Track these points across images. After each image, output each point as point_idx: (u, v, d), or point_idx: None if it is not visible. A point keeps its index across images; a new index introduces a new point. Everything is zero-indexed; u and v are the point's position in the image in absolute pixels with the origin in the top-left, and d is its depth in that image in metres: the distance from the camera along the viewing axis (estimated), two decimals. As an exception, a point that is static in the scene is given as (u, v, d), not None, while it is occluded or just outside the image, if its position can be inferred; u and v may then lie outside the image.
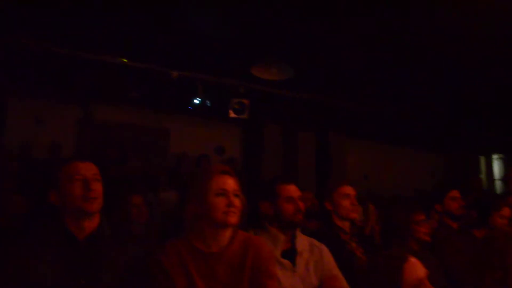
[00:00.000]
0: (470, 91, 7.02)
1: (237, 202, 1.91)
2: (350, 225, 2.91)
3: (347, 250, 2.75)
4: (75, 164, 1.88)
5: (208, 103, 6.15)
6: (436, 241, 3.52)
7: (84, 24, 4.98)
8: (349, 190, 2.93)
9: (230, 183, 1.93)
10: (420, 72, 6.25)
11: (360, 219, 4.50)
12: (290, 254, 2.39)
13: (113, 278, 1.80)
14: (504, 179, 5.69)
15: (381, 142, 9.62)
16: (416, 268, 1.69)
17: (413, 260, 1.71)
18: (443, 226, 3.72)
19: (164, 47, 5.55)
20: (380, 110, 7.67)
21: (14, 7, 4.59)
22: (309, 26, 4.99)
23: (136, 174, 6.76)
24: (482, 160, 12.11)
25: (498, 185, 11.00)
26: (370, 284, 1.77)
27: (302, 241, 2.47)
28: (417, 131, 8.98)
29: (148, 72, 5.95)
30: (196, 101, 6.14)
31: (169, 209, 4.88)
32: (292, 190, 2.47)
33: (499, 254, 2.06)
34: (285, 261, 2.34)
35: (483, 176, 11.90)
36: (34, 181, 5.50)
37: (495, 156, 12.18)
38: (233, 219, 1.88)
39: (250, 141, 8.36)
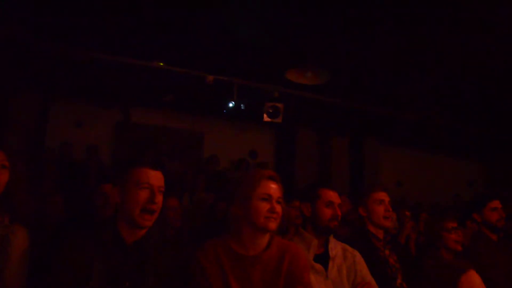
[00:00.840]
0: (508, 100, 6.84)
1: (278, 208, 1.93)
2: (384, 232, 2.87)
3: (380, 257, 2.71)
4: (145, 171, 1.83)
5: (242, 106, 6.20)
6: (473, 252, 3.44)
7: (122, 30, 5.13)
8: (383, 196, 2.86)
9: (275, 189, 1.95)
10: (459, 79, 6.13)
11: (395, 227, 4.43)
12: (323, 258, 2.38)
13: (156, 281, 1.82)
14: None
15: (416, 149, 9.46)
16: (474, 282, 1.70)
17: (471, 273, 1.74)
18: (481, 236, 3.61)
19: (200, 51, 5.65)
20: (414, 116, 7.55)
21: (53, 14, 4.76)
22: (345, 31, 4.98)
23: (171, 177, 6.86)
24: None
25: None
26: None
27: (335, 247, 2.45)
28: (454, 138, 8.78)
29: (184, 76, 6.06)
30: (230, 105, 6.20)
31: (204, 211, 4.94)
32: (333, 195, 2.47)
33: None
34: (318, 266, 2.34)
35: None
36: (73, 181, 5.70)
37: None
38: (273, 224, 1.90)
39: (283, 145, 8.36)
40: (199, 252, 1.91)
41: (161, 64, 5.88)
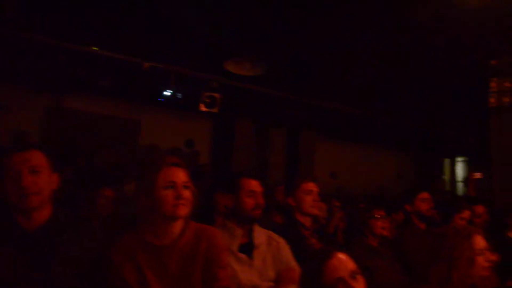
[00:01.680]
0: (437, 97, 7.23)
1: (186, 194, 1.88)
2: (312, 221, 2.97)
3: (306, 245, 2.80)
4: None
5: (179, 95, 6.13)
6: (402, 240, 3.65)
7: (55, 12, 4.91)
8: (311, 186, 2.97)
9: (179, 175, 1.90)
10: (391, 75, 6.39)
11: (325, 217, 4.59)
12: (248, 248, 2.41)
13: (66, 270, 1.77)
14: (465, 181, 5.89)
15: (350, 141, 9.77)
16: (339, 266, 1.62)
17: (339, 256, 1.65)
18: (410, 225, 3.83)
19: (137, 37, 5.52)
20: (349, 109, 7.80)
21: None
22: (283, 23, 5.04)
23: (105, 166, 6.67)
24: (447, 162, 12.50)
25: (460, 186, 11.37)
26: (307, 275, 1.75)
27: (260, 235, 2.48)
28: (385, 132, 9.16)
29: (120, 61, 5.90)
30: (167, 93, 6.11)
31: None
32: (255, 184, 2.49)
33: (447, 249, 2.15)
34: (242, 255, 2.36)
35: (446, 177, 12.29)
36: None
37: (458, 159, 12.61)
38: (182, 211, 1.87)
39: (221, 135, 8.36)
40: (112, 248, 1.86)
41: (96, 49, 5.68)
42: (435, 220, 3.70)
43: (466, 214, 3.66)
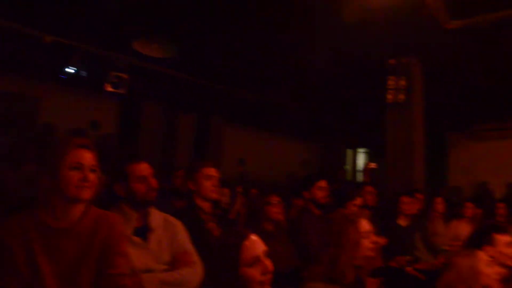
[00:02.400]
0: (342, 92, 7.61)
1: (92, 177, 1.86)
2: (211, 206, 2.99)
3: (204, 229, 2.83)
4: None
5: (84, 73, 5.83)
6: (298, 225, 3.81)
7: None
8: (212, 171, 2.98)
9: (87, 157, 1.87)
10: (300, 68, 6.59)
11: (227, 202, 4.66)
12: (143, 231, 2.38)
13: None
14: (363, 170, 6.29)
15: (258, 129, 9.96)
16: (255, 245, 1.78)
17: (253, 237, 1.80)
18: (307, 211, 4.01)
19: (39, 7, 5.13)
20: (257, 97, 7.94)
21: None
22: (196, 7, 4.97)
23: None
24: (349, 153, 13.26)
25: (360, 175, 12.12)
26: (220, 259, 1.84)
27: (156, 218, 2.45)
28: (293, 121, 9.47)
29: (18, 33, 5.45)
30: (70, 70, 5.78)
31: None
32: (143, 168, 2.44)
33: (335, 233, 2.31)
34: (136, 239, 2.32)
35: (349, 167, 13.04)
36: None
37: (360, 150, 13.46)
38: (86, 194, 1.84)
39: (128, 117, 8.09)
40: (2, 230, 1.77)
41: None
42: (329, 207, 3.91)
43: (358, 201, 3.92)
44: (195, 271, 2.37)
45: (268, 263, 1.78)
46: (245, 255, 1.74)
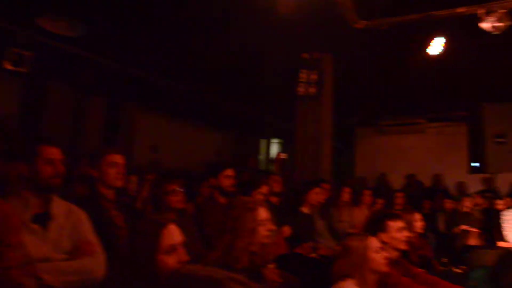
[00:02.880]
0: (257, 84, 7.73)
1: None
2: (116, 194, 2.91)
3: (106, 217, 2.75)
4: None
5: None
6: (203, 213, 3.84)
7: None
8: (117, 158, 2.89)
9: None
10: (213, 56, 6.57)
11: (136, 190, 4.55)
12: (43, 218, 2.28)
13: None
14: (274, 160, 6.45)
15: (173, 116, 9.81)
16: (173, 234, 1.81)
17: (172, 226, 1.83)
18: (212, 199, 4.04)
19: None
20: (175, 85, 7.81)
21: None
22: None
23: None
24: (263, 143, 13.54)
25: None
26: (131, 248, 1.82)
27: (59, 206, 2.36)
28: (209, 110, 9.45)
29: None
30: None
31: None
32: (54, 152, 2.34)
33: (233, 219, 2.35)
34: (35, 226, 2.22)
35: (263, 157, 13.31)
36: None
37: (274, 140, 13.79)
38: None
39: (31, 98, 7.53)
40: None
41: None
42: (235, 195, 3.97)
43: (264, 189, 4.02)
44: (96, 261, 2.30)
45: (184, 252, 1.81)
46: (163, 243, 1.76)
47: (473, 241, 6.75)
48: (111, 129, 8.27)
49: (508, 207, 6.86)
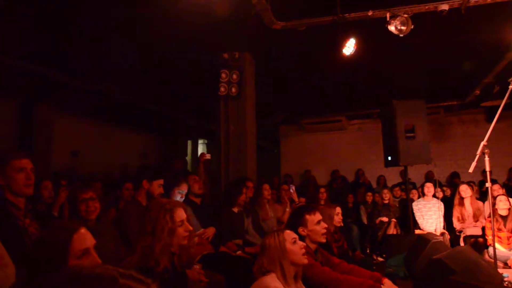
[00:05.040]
0: (181, 84, 7.67)
1: None
2: (25, 201, 2.74)
3: (18, 226, 2.60)
4: None
5: None
6: (125, 215, 3.77)
7: None
8: (25, 163, 2.70)
9: None
10: (132, 56, 6.42)
11: (51, 196, 4.34)
12: None
13: None
14: (198, 160, 6.40)
15: (93, 119, 9.46)
16: (84, 238, 1.78)
17: (83, 231, 1.80)
18: (135, 201, 3.99)
19: None
20: (95, 87, 7.53)
21: None
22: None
23: None
24: (189, 144, 13.45)
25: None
26: (39, 255, 1.73)
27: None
28: (132, 112, 9.22)
29: None
30: None
31: None
32: None
33: (151, 221, 2.32)
34: None
35: (189, 157, 13.22)
36: None
37: (200, 141, 13.74)
38: None
39: None
40: None
41: None
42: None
43: (183, 187, 4.03)
44: (4, 274, 2.18)
45: (96, 255, 1.79)
46: (75, 247, 1.72)
47: (391, 230, 7.17)
48: (25, 133, 7.76)
49: (419, 197, 7.37)
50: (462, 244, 6.25)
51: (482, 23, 5.47)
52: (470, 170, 3.69)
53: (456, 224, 6.57)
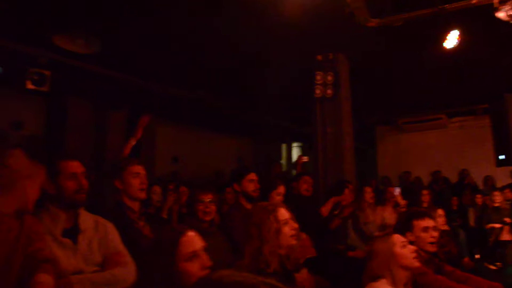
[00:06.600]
0: (275, 86, 7.74)
1: None
2: (140, 204, 2.93)
3: (134, 228, 2.78)
4: None
5: (0, 70, 5.45)
6: (229, 220, 3.83)
7: None
8: (139, 169, 2.92)
9: None
10: (233, 65, 6.61)
11: (159, 200, 4.59)
12: (72, 232, 2.31)
13: None
14: (295, 163, 6.42)
15: (192, 125, 9.86)
16: (192, 241, 1.82)
17: (190, 233, 1.84)
18: (237, 205, 4.03)
19: None
20: (192, 95, 7.87)
21: None
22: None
23: None
24: (284, 148, 13.51)
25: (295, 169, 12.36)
26: (151, 257, 1.83)
27: (86, 219, 2.40)
28: (227, 118, 9.49)
29: None
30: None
31: None
32: (75, 166, 2.36)
33: (255, 225, 2.34)
34: (66, 240, 2.25)
35: (283, 161, 13.28)
36: None
37: (294, 144, 13.75)
38: None
39: (54, 116, 7.67)
40: None
41: None
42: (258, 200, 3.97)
43: (281, 189, 4.01)
44: (127, 271, 2.33)
45: (206, 258, 1.82)
46: (183, 250, 1.77)
47: (506, 236, 6.61)
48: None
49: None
50: None
51: None
52: None
53: None
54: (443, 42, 5.43)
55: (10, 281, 1.78)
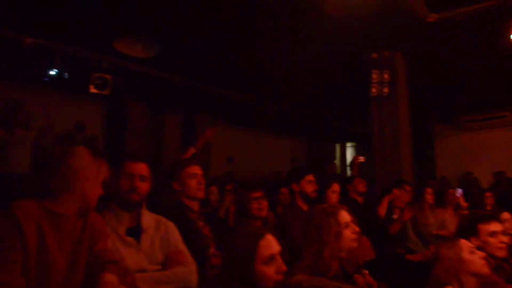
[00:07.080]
0: (329, 88, 7.66)
1: None
2: (199, 204, 2.97)
3: (194, 228, 2.81)
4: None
5: (66, 75, 5.74)
6: (285, 221, 3.81)
7: None
8: (196, 169, 2.95)
9: None
10: (286, 67, 6.59)
11: (217, 200, 4.65)
12: (135, 231, 2.37)
13: None
14: (351, 164, 6.31)
15: (246, 127, 9.95)
16: (271, 244, 1.82)
17: (269, 236, 1.84)
18: (293, 206, 4.01)
19: (17, 10, 5.04)
20: (246, 96, 7.92)
21: None
22: (177, 3, 4.92)
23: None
24: (338, 148, 13.33)
25: (349, 170, 12.16)
26: (228, 260, 1.85)
27: (148, 218, 2.45)
28: (281, 118, 9.48)
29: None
30: (52, 73, 5.69)
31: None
32: (136, 168, 2.40)
33: (316, 227, 2.30)
34: (129, 239, 2.31)
35: (337, 161, 13.11)
36: None
37: (348, 144, 13.53)
38: None
39: (113, 118, 7.99)
40: (16, 209, 1.74)
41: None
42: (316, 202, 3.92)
43: (335, 187, 3.95)
44: (188, 270, 2.36)
45: (282, 262, 1.81)
46: (261, 253, 1.77)
47: None
48: (188, 142, 8.51)
49: None
50: None
51: None
52: None
53: None
54: (508, 34, 5.14)
55: (77, 280, 1.84)
